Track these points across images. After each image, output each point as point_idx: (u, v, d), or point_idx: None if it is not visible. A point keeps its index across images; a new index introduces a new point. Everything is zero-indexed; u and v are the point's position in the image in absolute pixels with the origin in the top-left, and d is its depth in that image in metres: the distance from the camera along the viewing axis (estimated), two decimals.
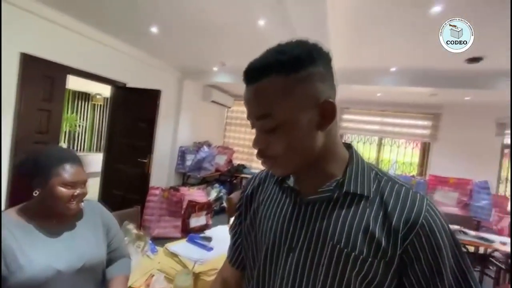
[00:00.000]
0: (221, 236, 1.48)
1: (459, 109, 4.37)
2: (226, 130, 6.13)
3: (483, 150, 4.26)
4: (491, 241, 2.39)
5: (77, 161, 0.91)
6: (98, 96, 6.32)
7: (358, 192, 0.47)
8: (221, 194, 4.46)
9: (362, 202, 0.47)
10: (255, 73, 0.45)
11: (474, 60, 2.62)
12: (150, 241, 1.46)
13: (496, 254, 2.62)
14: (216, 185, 4.64)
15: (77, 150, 6.07)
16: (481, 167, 4.19)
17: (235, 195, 2.70)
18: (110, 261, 1.01)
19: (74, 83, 4.29)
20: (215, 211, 4.14)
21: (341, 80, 3.47)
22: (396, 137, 4.89)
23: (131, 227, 1.46)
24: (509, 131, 4.19)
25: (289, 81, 0.44)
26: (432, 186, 3.98)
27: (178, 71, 4.51)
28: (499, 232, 3.21)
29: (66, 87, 2.96)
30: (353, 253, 0.44)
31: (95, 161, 3.85)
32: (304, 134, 0.45)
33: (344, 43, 2.62)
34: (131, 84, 3.61)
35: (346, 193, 0.47)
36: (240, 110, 5.96)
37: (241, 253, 0.63)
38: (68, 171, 0.87)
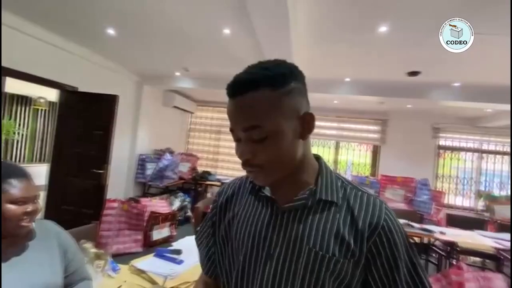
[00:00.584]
0: (190, 247, 1.43)
1: (402, 115, 4.94)
2: (190, 137, 5.96)
3: (422, 151, 4.89)
4: (433, 232, 2.72)
5: (24, 175, 0.84)
6: (41, 100, 5.62)
7: (329, 199, 0.52)
8: (186, 203, 4.30)
9: (333, 208, 0.51)
10: (242, 86, 0.48)
11: (414, 73, 3.01)
12: (111, 259, 1.36)
13: (437, 243, 2.99)
14: (180, 193, 4.45)
15: (15, 160, 5.30)
16: (420, 166, 4.81)
17: (202, 204, 2.64)
18: (68, 285, 0.92)
19: (12, 85, 3.77)
20: (180, 221, 3.98)
21: None
22: (351, 141, 5.29)
23: (89, 245, 1.35)
24: (442, 134, 4.87)
25: (275, 94, 0.48)
26: (383, 185, 4.41)
27: (136, 75, 4.27)
28: (438, 223, 3.67)
29: (3, 90, 2.60)
30: (327, 255, 0.48)
31: (37, 173, 3.29)
32: (289, 143, 0.49)
33: (305, 56, 2.79)
34: (83, 88, 3.31)
35: (318, 201, 0.52)
36: (204, 115, 5.84)
37: (214, 262, 0.63)
38: (16, 186, 0.79)
